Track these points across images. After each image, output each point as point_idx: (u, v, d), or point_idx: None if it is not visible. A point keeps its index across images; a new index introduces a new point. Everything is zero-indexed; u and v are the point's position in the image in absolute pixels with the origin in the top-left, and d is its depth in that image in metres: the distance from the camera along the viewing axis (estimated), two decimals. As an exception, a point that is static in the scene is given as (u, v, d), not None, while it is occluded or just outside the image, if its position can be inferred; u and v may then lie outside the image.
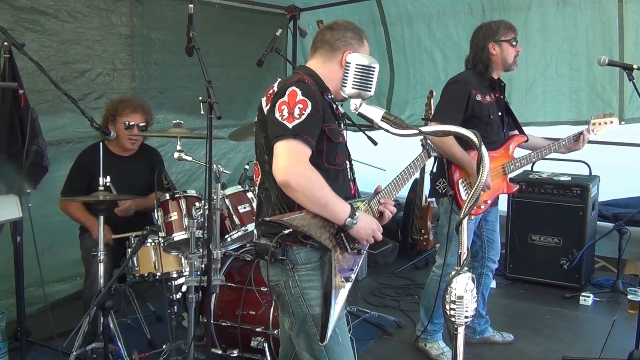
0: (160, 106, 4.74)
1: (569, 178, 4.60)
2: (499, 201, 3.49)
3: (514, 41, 3.21)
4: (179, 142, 3.02)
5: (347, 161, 2.26)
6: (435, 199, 3.86)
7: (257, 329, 3.11)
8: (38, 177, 3.35)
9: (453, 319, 1.45)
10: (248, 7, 5.43)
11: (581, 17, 4.54)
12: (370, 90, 1.70)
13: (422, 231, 5.15)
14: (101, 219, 3.02)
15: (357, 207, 2.11)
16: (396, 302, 4.36)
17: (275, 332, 3.03)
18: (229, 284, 3.25)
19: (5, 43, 3.08)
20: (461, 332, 1.47)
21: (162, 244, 3.16)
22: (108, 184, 3.04)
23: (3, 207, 2.86)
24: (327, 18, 5.56)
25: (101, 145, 3.16)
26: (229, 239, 3.17)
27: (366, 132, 2.79)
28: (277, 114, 1.98)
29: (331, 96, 2.18)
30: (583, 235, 4.41)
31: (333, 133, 2.11)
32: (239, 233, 3.15)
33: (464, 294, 1.43)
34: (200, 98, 2.69)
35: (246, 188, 3.27)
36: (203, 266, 2.92)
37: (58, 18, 3.94)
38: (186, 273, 3.18)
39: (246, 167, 3.52)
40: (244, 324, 3.14)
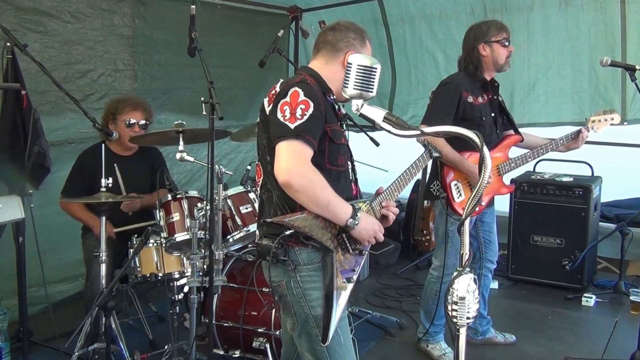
0: (162, 107, 4.75)
1: (571, 179, 4.59)
2: (501, 202, 3.48)
3: (506, 41, 3.17)
4: (181, 143, 3.02)
5: (349, 162, 2.26)
6: (430, 201, 3.85)
7: (259, 330, 3.11)
8: (40, 178, 3.36)
9: (455, 320, 1.44)
10: (250, 8, 5.42)
11: (583, 18, 4.53)
12: (372, 91, 1.70)
13: (424, 232, 5.14)
14: (103, 220, 3.02)
15: (359, 208, 2.11)
16: (398, 303, 4.36)
17: (277, 333, 3.03)
18: (231, 285, 3.25)
19: (7, 44, 3.09)
20: (463, 333, 1.47)
21: (164, 245, 3.16)
22: (110, 185, 3.04)
23: (5, 208, 2.86)
24: (329, 18, 5.59)
25: (103, 146, 3.17)
26: (231, 240, 3.17)
27: (368, 133, 2.79)
28: (279, 115, 1.98)
29: (333, 97, 2.18)
30: (585, 236, 4.40)
31: (335, 134, 2.11)
32: (241, 234, 3.16)
33: (466, 295, 1.43)
34: (202, 99, 2.70)
35: (248, 189, 3.27)
36: (205, 267, 2.93)
37: (60, 19, 3.95)
38: (188, 274, 3.18)
39: (248, 168, 3.52)
40: (246, 325, 3.14)
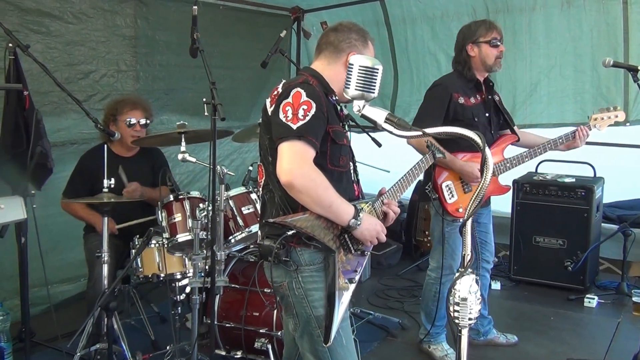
0: (164, 107, 4.75)
1: (574, 180, 4.58)
2: (503, 203, 3.47)
3: (496, 41, 3.15)
4: (183, 143, 3.02)
5: (351, 163, 2.26)
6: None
7: (261, 330, 3.11)
8: (42, 179, 3.36)
9: (457, 321, 1.44)
10: (252, 9, 5.42)
11: (586, 19, 4.52)
12: (373, 91, 1.70)
13: (426, 232, 5.14)
14: (105, 221, 3.02)
15: (361, 209, 2.11)
16: (400, 304, 4.35)
17: (279, 334, 3.03)
18: (233, 285, 3.25)
19: (10, 44, 3.09)
20: (465, 334, 1.47)
21: (166, 245, 3.16)
22: (112, 186, 3.05)
23: (8, 209, 2.85)
24: (331, 19, 5.58)
25: (105, 147, 3.17)
26: (233, 240, 3.17)
27: (370, 134, 2.79)
28: (282, 115, 1.98)
29: (335, 98, 2.18)
30: (587, 237, 4.39)
31: (337, 135, 2.11)
32: (243, 234, 3.16)
33: (468, 296, 1.43)
34: (204, 99, 2.69)
35: (250, 189, 3.27)
36: (207, 267, 2.93)
37: (63, 20, 3.95)
38: (190, 274, 3.18)
39: (250, 169, 3.52)
40: (248, 325, 3.14)
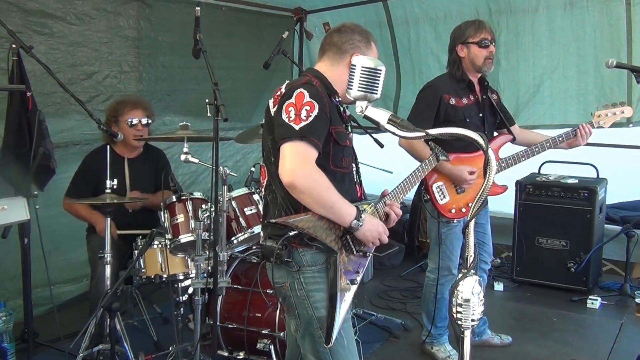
0: (167, 108, 4.76)
1: (577, 181, 4.57)
2: (506, 204, 3.47)
3: (487, 42, 3.13)
4: (186, 144, 3.03)
5: (354, 164, 2.26)
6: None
7: (263, 331, 3.11)
8: (45, 179, 3.37)
9: (460, 322, 1.44)
10: (255, 10, 5.43)
11: (589, 19, 4.51)
12: (376, 92, 1.69)
13: (429, 233, 5.13)
14: (108, 221, 3.03)
15: (364, 210, 2.11)
16: (403, 305, 4.35)
17: (281, 335, 3.03)
18: (235, 286, 3.25)
19: (13, 46, 3.10)
20: (468, 335, 1.46)
21: (169, 246, 3.17)
22: (115, 187, 3.05)
23: (11, 209, 2.86)
24: (333, 20, 5.59)
25: (108, 148, 3.18)
26: (235, 241, 3.17)
27: (372, 135, 2.79)
28: (284, 116, 1.98)
29: (339, 99, 2.17)
30: (590, 238, 4.38)
31: (340, 136, 2.10)
32: (245, 235, 3.16)
33: (471, 297, 1.42)
34: (207, 100, 2.70)
35: (252, 190, 3.27)
36: (209, 268, 2.93)
37: (66, 21, 3.97)
38: (192, 275, 3.19)
39: (252, 169, 3.53)
40: (250, 326, 3.14)
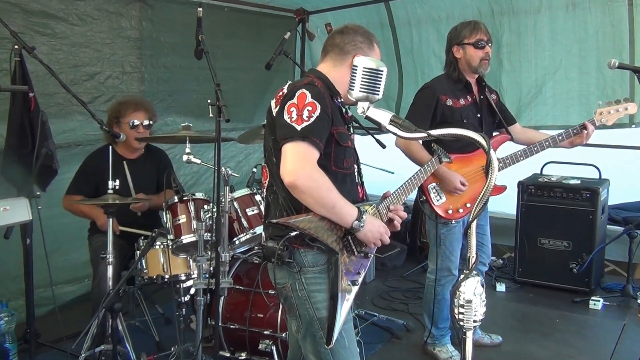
0: (169, 109, 4.76)
1: (579, 181, 4.56)
2: (508, 204, 3.46)
3: (482, 43, 3.13)
4: (188, 145, 3.03)
5: (355, 165, 2.25)
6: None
7: (265, 332, 3.11)
8: (47, 180, 3.37)
9: (462, 323, 1.44)
10: (257, 11, 5.43)
11: (591, 20, 4.51)
12: (378, 93, 1.69)
13: (430, 234, 5.13)
14: (110, 222, 3.03)
15: (365, 211, 2.11)
16: (405, 306, 4.34)
17: (283, 335, 3.03)
18: (237, 287, 3.26)
19: (16, 46, 3.10)
20: (470, 336, 1.46)
21: (171, 247, 3.17)
22: (117, 187, 3.05)
23: (13, 210, 2.86)
24: (335, 21, 5.59)
25: (110, 148, 3.18)
26: (237, 242, 3.17)
27: (374, 135, 2.79)
28: (286, 116, 1.98)
29: (341, 100, 2.17)
30: (593, 239, 4.37)
31: (341, 137, 2.10)
32: (247, 236, 3.16)
33: (473, 298, 1.42)
34: (209, 101, 2.71)
35: (254, 191, 3.27)
36: (211, 269, 2.93)
37: (68, 21, 3.97)
38: (194, 276, 3.18)
39: (254, 170, 3.52)
40: (252, 327, 3.14)
